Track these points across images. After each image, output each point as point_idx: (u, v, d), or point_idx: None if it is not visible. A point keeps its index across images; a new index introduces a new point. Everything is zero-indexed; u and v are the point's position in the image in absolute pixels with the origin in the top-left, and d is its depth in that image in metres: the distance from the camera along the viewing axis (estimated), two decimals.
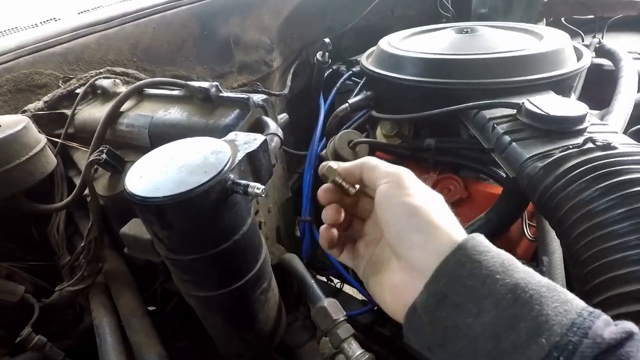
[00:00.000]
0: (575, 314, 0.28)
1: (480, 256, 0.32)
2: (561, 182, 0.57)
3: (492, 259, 0.32)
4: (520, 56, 0.90)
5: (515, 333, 0.28)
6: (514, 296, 0.29)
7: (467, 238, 0.34)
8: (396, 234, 0.36)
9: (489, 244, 0.33)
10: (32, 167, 0.78)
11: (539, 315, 0.28)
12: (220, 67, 1.27)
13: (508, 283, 0.30)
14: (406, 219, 0.36)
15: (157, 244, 0.58)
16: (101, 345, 0.75)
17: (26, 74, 0.93)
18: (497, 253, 0.32)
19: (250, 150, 0.58)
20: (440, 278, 0.32)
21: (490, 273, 0.31)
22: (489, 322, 0.29)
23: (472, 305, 0.30)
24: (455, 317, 0.31)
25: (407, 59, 1.02)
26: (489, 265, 0.31)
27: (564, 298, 0.29)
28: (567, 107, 0.69)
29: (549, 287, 0.30)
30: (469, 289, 0.31)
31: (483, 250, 0.32)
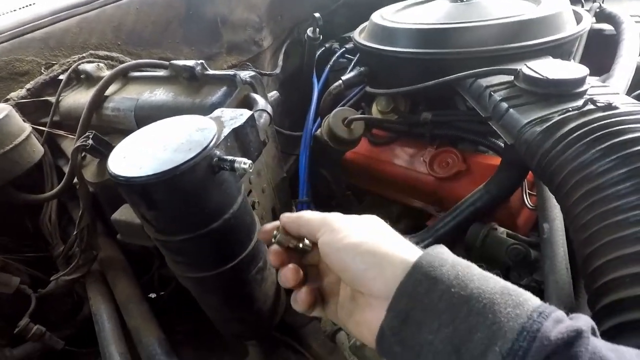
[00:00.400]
0: (526, 317, 0.28)
1: (435, 272, 0.32)
2: (560, 146, 0.55)
3: (447, 272, 0.32)
4: (517, 22, 0.87)
5: (473, 344, 0.29)
6: (469, 307, 0.30)
7: (423, 255, 0.34)
8: (352, 276, 0.37)
9: (446, 255, 0.34)
10: (17, 156, 0.77)
11: (492, 323, 0.28)
12: (209, 48, 1.24)
13: (463, 295, 0.30)
14: (353, 260, 0.37)
15: (145, 226, 0.56)
16: (100, 332, 0.75)
17: (6, 62, 0.90)
18: (452, 265, 0.33)
19: (236, 125, 0.56)
20: (400, 299, 0.33)
21: (446, 287, 0.31)
22: (448, 336, 0.30)
23: (432, 321, 0.31)
24: (418, 334, 0.31)
25: (401, 30, 0.99)
26: (444, 279, 0.32)
27: (517, 301, 0.29)
28: (566, 70, 0.67)
29: (502, 292, 0.30)
30: (427, 306, 0.31)
31: (438, 265, 0.33)
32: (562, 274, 0.58)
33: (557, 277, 0.58)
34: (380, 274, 0.35)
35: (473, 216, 0.84)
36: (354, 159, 1.22)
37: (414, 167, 1.07)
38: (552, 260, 0.60)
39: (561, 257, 0.60)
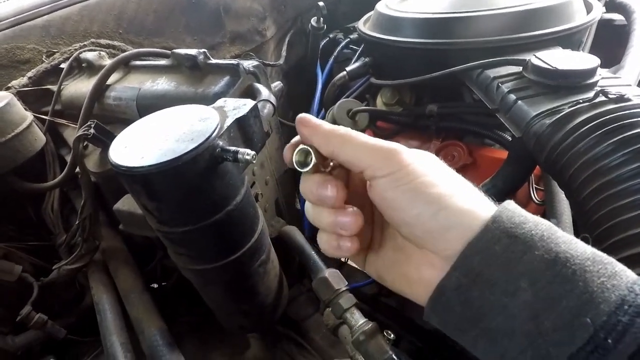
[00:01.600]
0: (626, 289, 0.25)
1: (516, 229, 0.28)
2: (571, 139, 0.54)
3: (530, 231, 0.28)
4: (526, 10, 0.85)
5: (556, 313, 0.26)
6: (554, 272, 0.26)
7: (501, 209, 0.30)
8: (423, 233, 0.31)
9: (525, 213, 0.30)
10: (19, 144, 0.76)
11: (583, 292, 0.25)
12: (211, 37, 1.22)
13: (547, 259, 0.27)
14: (435, 215, 0.30)
15: (147, 217, 0.56)
16: (102, 322, 0.75)
17: (7, 49, 0.89)
18: (534, 224, 0.29)
19: (239, 115, 0.55)
20: (473, 256, 0.29)
21: (528, 248, 0.27)
22: (526, 301, 0.27)
23: (508, 283, 0.27)
24: (490, 295, 0.28)
25: (406, 20, 0.97)
26: (526, 239, 0.28)
27: (612, 271, 0.26)
28: (576, 61, 0.65)
29: (594, 259, 0.27)
30: (504, 266, 0.28)
31: (519, 222, 0.29)
32: None
33: None
34: (463, 236, 0.29)
35: None
36: None
37: None
38: None
39: None
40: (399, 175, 0.31)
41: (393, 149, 0.32)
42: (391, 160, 0.32)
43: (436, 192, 0.30)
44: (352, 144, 0.33)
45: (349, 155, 0.33)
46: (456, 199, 0.30)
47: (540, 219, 0.29)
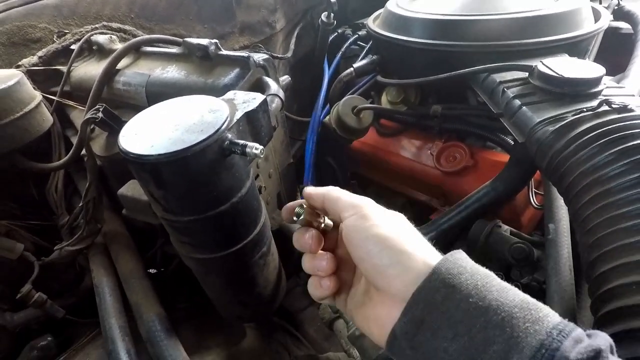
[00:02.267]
0: (545, 333, 0.28)
1: (454, 279, 0.32)
2: (572, 147, 0.55)
3: (466, 281, 0.32)
4: (534, 16, 0.85)
5: (488, 356, 0.29)
6: (486, 319, 0.30)
7: (442, 261, 0.34)
8: (372, 268, 0.37)
9: (465, 262, 0.34)
10: (27, 124, 0.77)
11: (510, 337, 0.28)
12: (221, 27, 1.22)
13: (481, 306, 0.30)
14: (379, 253, 0.36)
15: (153, 204, 0.57)
16: (100, 304, 0.76)
17: (19, 27, 0.89)
18: (471, 274, 0.32)
19: (249, 109, 0.56)
20: (417, 304, 0.33)
21: (464, 297, 0.31)
22: (463, 346, 0.30)
23: (447, 329, 0.31)
24: (433, 341, 0.31)
25: (416, 20, 0.97)
26: (462, 288, 0.31)
27: (536, 316, 0.29)
28: (582, 69, 0.66)
29: (522, 306, 0.30)
30: (444, 314, 0.31)
31: (457, 273, 0.32)
32: (565, 276, 0.58)
33: (560, 278, 0.58)
34: (401, 274, 0.35)
35: (478, 212, 0.84)
36: (360, 149, 1.22)
37: (420, 160, 1.07)
38: (555, 261, 0.60)
39: (565, 258, 0.60)
40: (358, 220, 0.38)
41: (359, 203, 0.40)
42: (355, 208, 0.39)
43: (382, 233, 0.37)
44: (332, 197, 0.42)
45: (330, 204, 0.42)
46: (399, 241, 0.36)
47: (478, 269, 0.34)
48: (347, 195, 0.42)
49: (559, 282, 0.58)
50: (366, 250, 0.37)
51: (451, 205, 0.91)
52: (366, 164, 1.25)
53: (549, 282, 0.59)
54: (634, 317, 0.40)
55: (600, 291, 0.45)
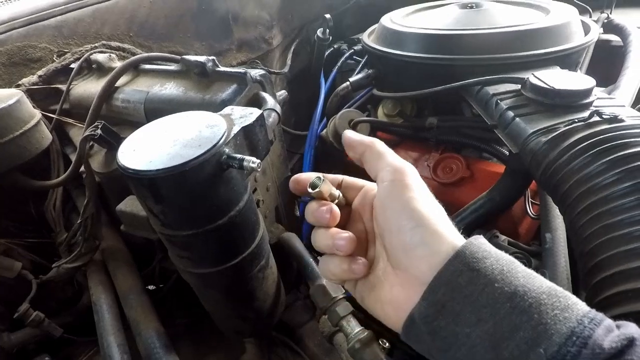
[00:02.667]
0: (576, 321, 0.27)
1: (478, 264, 0.31)
2: (565, 157, 0.56)
3: (491, 265, 0.31)
4: (526, 30, 0.87)
5: (514, 343, 0.28)
6: (513, 304, 0.29)
7: (465, 244, 0.32)
8: (399, 244, 0.35)
9: (489, 247, 0.33)
10: (26, 142, 0.77)
11: (538, 324, 0.27)
12: (219, 43, 1.25)
13: (507, 291, 0.29)
14: (411, 230, 0.34)
15: (152, 219, 0.57)
16: (99, 322, 0.76)
17: (20, 47, 0.91)
18: (496, 259, 0.31)
19: (246, 124, 0.56)
20: (438, 288, 0.32)
21: (489, 281, 0.30)
22: (487, 331, 0.29)
23: (471, 314, 0.30)
24: (454, 326, 0.30)
25: (410, 35, 0.99)
26: (487, 272, 0.30)
27: (565, 304, 0.28)
28: (573, 81, 0.67)
29: (549, 292, 0.29)
30: (467, 298, 0.30)
31: (481, 257, 0.31)
32: (563, 285, 0.58)
33: None
34: (429, 256, 0.33)
35: (475, 223, 0.85)
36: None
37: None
38: (553, 271, 0.61)
39: (562, 267, 0.61)
40: (397, 187, 0.36)
41: (402, 167, 0.37)
42: (397, 173, 0.37)
43: (419, 209, 0.34)
44: (375, 151, 0.40)
45: (371, 158, 0.40)
46: (433, 222, 0.34)
47: (502, 254, 0.32)
48: (391, 154, 0.39)
49: None
50: (398, 224, 0.35)
51: (449, 216, 0.91)
52: (364, 177, 1.26)
53: None
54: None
55: (598, 299, 0.45)
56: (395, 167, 0.37)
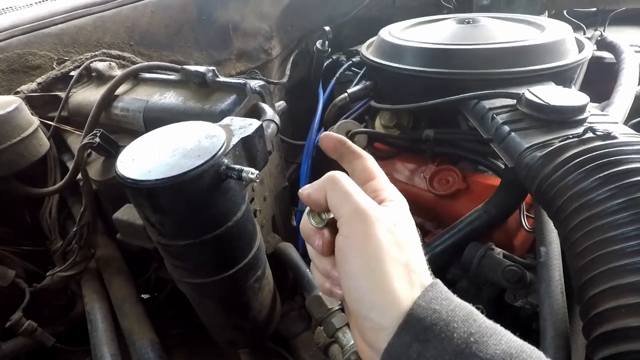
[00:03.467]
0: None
1: (427, 333, 0.30)
2: (560, 172, 0.57)
3: (441, 334, 0.30)
4: (522, 47, 0.89)
5: None
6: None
7: (413, 310, 0.31)
8: (355, 308, 0.34)
9: (440, 304, 0.31)
10: (24, 149, 0.77)
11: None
12: (219, 53, 1.26)
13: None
14: (367, 294, 0.33)
15: (149, 229, 0.57)
16: (92, 331, 0.75)
17: (20, 55, 0.91)
18: (446, 323, 0.30)
19: (245, 135, 0.57)
20: (389, 358, 0.31)
21: (438, 354, 0.29)
22: None
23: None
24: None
25: (408, 48, 1.01)
26: (436, 344, 0.30)
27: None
28: (567, 97, 0.68)
29: (503, 359, 0.28)
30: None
31: (430, 324, 0.30)
32: (558, 299, 0.59)
33: (552, 301, 0.59)
34: (378, 330, 0.32)
35: (471, 235, 0.85)
36: None
37: (414, 183, 1.08)
38: (548, 284, 0.61)
39: (557, 281, 0.61)
40: (359, 237, 0.34)
41: (366, 210, 0.34)
42: (360, 219, 0.34)
43: (379, 268, 0.33)
44: (340, 188, 0.36)
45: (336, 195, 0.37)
46: (390, 279, 0.32)
47: (455, 313, 0.31)
48: (354, 191, 0.36)
49: (551, 305, 0.58)
50: (356, 285, 0.34)
51: (444, 227, 0.92)
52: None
53: (541, 306, 0.60)
54: (624, 340, 0.41)
55: (591, 314, 0.46)
56: (361, 210, 0.35)
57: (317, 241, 0.38)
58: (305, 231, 0.40)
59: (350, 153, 0.43)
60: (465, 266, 0.82)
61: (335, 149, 0.44)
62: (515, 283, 0.76)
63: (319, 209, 0.39)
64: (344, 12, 1.56)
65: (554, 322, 0.56)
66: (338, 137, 0.44)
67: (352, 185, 0.37)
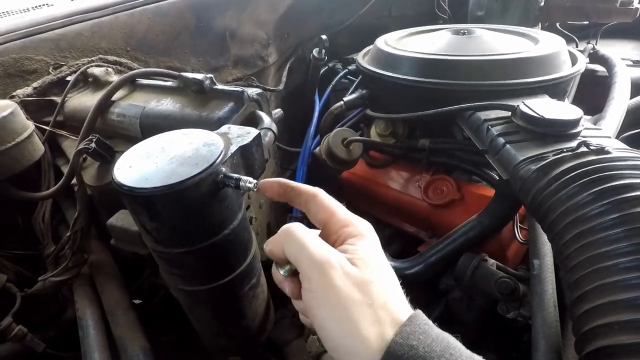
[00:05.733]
0: None
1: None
2: (554, 186, 0.57)
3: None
4: (516, 59, 0.90)
5: None
6: None
7: (391, 346, 0.32)
8: (328, 340, 0.35)
9: (416, 342, 0.31)
10: (18, 153, 0.77)
11: None
12: (215, 60, 1.26)
13: None
14: (335, 325, 0.34)
15: (144, 236, 0.57)
16: (84, 338, 0.74)
17: (16, 59, 0.91)
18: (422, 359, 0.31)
19: (243, 143, 0.57)
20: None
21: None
22: None
23: None
24: None
25: (404, 58, 1.02)
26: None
27: None
28: (561, 111, 0.69)
29: None
30: None
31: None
32: (550, 312, 0.59)
33: (545, 314, 0.59)
34: (354, 349, 0.33)
35: (465, 246, 0.86)
36: (350, 179, 1.24)
37: (408, 192, 1.09)
38: (540, 297, 0.61)
39: (550, 294, 0.62)
40: (322, 287, 0.35)
41: (325, 259, 0.35)
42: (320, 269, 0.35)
43: (347, 316, 0.33)
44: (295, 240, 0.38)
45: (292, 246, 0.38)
46: (361, 325, 0.33)
47: (432, 348, 0.31)
48: (310, 241, 0.37)
49: (544, 318, 0.59)
50: (327, 334, 0.35)
51: (439, 237, 0.92)
52: (356, 194, 1.27)
53: (534, 319, 0.60)
54: (617, 357, 0.41)
55: (584, 330, 0.46)
56: (317, 261, 0.35)
57: (286, 288, 0.41)
58: (276, 278, 0.42)
59: (298, 195, 0.43)
60: (459, 276, 0.83)
61: (280, 194, 0.44)
62: (508, 295, 0.76)
63: (281, 261, 0.41)
64: (340, 21, 1.58)
65: (546, 336, 0.56)
66: (276, 181, 0.44)
67: (306, 234, 0.38)
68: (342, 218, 0.40)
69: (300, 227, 0.39)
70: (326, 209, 0.41)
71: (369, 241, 0.39)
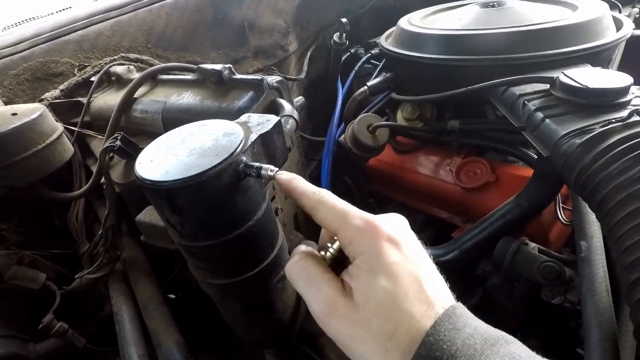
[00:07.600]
0: None
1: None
2: (602, 160, 0.52)
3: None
4: (553, 27, 0.84)
5: None
6: None
7: (424, 344, 0.30)
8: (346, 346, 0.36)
9: (457, 335, 0.30)
10: (49, 155, 0.78)
11: None
12: (235, 52, 1.25)
13: None
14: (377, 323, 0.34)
15: (170, 230, 0.56)
16: (120, 332, 0.76)
17: (42, 63, 0.93)
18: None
19: (263, 131, 0.55)
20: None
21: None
22: None
23: None
24: None
25: (429, 36, 0.97)
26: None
27: None
28: (607, 79, 0.63)
29: None
30: None
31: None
32: (603, 297, 0.55)
33: (596, 300, 0.54)
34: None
35: (502, 230, 0.81)
36: (377, 167, 1.20)
37: (439, 177, 1.05)
38: (591, 282, 0.57)
39: (601, 278, 0.57)
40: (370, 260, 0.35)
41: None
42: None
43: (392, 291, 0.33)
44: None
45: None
46: (396, 321, 0.32)
47: (471, 341, 0.29)
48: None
49: (595, 304, 0.54)
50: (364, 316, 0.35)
51: (474, 222, 0.88)
52: (383, 182, 1.23)
53: (584, 305, 0.56)
54: None
55: None
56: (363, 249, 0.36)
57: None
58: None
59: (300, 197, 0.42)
60: (497, 262, 0.78)
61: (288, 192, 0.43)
62: (552, 280, 0.71)
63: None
64: (361, 4, 1.53)
65: (600, 323, 0.52)
66: (287, 179, 0.43)
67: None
68: (346, 235, 0.39)
69: (308, 264, 0.42)
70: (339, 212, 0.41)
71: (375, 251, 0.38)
